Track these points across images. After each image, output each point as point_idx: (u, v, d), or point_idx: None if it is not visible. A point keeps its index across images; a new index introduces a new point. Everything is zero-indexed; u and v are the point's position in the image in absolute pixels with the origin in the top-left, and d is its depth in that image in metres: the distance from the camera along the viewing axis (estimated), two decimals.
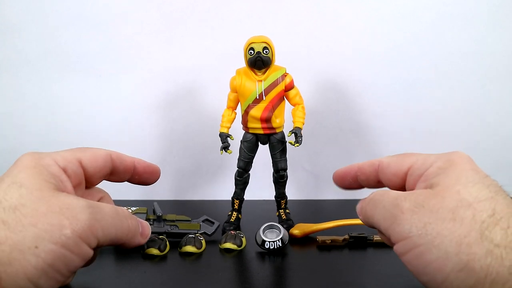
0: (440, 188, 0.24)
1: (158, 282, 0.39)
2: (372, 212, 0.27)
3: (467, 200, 0.22)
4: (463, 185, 0.23)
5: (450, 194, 0.23)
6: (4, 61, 0.67)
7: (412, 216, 0.23)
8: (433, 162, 0.25)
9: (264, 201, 0.63)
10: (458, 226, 0.22)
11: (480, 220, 0.22)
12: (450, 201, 0.23)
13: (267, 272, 0.42)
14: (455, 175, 0.24)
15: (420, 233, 0.22)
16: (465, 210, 0.22)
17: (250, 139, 0.52)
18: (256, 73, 0.50)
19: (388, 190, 0.27)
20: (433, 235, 0.22)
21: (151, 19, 0.66)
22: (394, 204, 0.25)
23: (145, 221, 0.33)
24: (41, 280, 0.23)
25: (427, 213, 0.23)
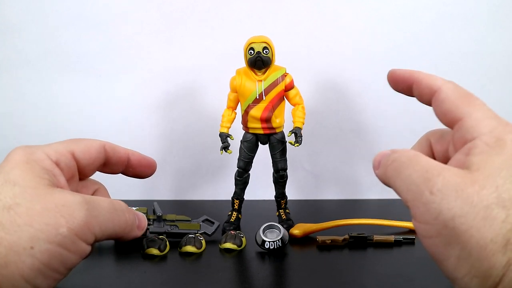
0: (479, 175, 0.21)
1: (158, 282, 0.39)
2: (394, 176, 0.24)
3: (503, 199, 0.20)
4: (504, 178, 0.20)
5: (489, 187, 0.20)
6: (4, 61, 0.67)
7: (442, 200, 0.20)
8: (483, 132, 0.22)
9: (264, 201, 0.63)
10: (488, 227, 0.19)
11: (510, 225, 0.19)
12: (487, 196, 0.20)
13: (267, 272, 0.42)
14: (499, 163, 0.21)
15: (447, 224, 0.20)
16: (499, 210, 0.19)
17: (250, 139, 0.52)
18: (256, 73, 0.50)
19: (419, 155, 0.23)
20: (461, 230, 0.20)
21: (151, 19, 0.66)
22: (424, 177, 0.21)
23: (141, 213, 0.32)
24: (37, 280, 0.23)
25: (459, 203, 0.20)
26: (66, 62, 0.67)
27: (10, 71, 0.67)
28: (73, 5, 0.65)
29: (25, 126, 0.68)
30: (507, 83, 0.67)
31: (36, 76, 0.67)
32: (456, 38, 0.66)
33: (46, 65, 0.67)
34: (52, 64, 0.67)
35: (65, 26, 0.66)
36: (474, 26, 0.66)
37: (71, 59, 0.67)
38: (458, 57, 0.66)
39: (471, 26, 0.66)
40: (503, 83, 0.67)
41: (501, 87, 0.67)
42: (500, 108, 0.74)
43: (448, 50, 0.66)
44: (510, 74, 0.67)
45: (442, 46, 0.66)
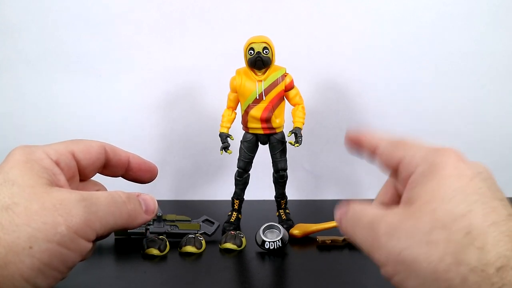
0: (416, 207, 0.22)
1: (158, 282, 0.39)
2: (352, 232, 0.26)
3: (442, 220, 0.21)
4: (440, 201, 0.21)
5: (425, 214, 0.22)
6: (4, 61, 0.67)
7: (388, 242, 0.22)
8: (417, 164, 0.24)
9: (264, 201, 0.63)
10: (433, 250, 0.20)
11: (454, 242, 0.20)
12: (425, 223, 0.21)
13: (267, 272, 0.42)
14: (433, 187, 0.22)
15: (397, 259, 0.22)
16: (440, 232, 0.21)
17: (250, 139, 0.52)
18: (256, 73, 0.50)
19: (365, 208, 0.25)
20: (409, 262, 0.21)
21: (151, 19, 0.66)
22: (370, 227, 0.24)
23: (148, 196, 0.31)
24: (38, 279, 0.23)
25: (402, 238, 0.22)
26: (66, 62, 0.67)
27: (10, 71, 0.67)
28: (73, 5, 0.65)
29: (25, 126, 0.68)
30: (507, 83, 0.67)
31: (36, 76, 0.67)
32: (456, 38, 0.66)
33: (46, 65, 0.67)
34: (52, 64, 0.67)
35: (65, 26, 0.66)
36: (474, 26, 0.66)
37: (71, 59, 0.67)
38: (458, 57, 0.66)
39: (471, 26, 0.66)
40: (503, 83, 0.67)
41: (501, 87, 0.67)
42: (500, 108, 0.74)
43: (448, 50, 0.66)
44: (510, 74, 0.67)
45: (442, 46, 0.66)
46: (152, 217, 0.31)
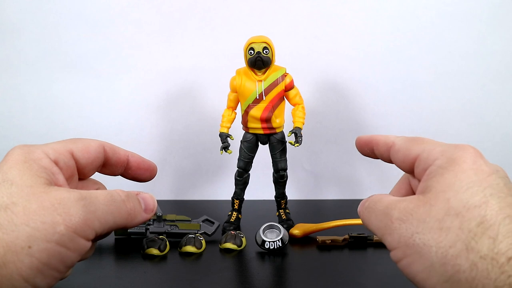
0: (431, 195, 0.23)
1: (158, 282, 0.39)
2: (368, 220, 0.27)
3: (456, 209, 0.22)
4: (455, 191, 0.22)
5: (440, 202, 0.22)
6: (4, 61, 0.67)
7: (400, 225, 0.23)
8: (436, 158, 0.25)
9: (264, 201, 0.63)
10: (444, 236, 0.21)
11: (467, 230, 0.21)
12: (438, 210, 0.22)
13: (267, 272, 0.42)
14: (450, 178, 0.23)
15: (407, 243, 0.22)
16: (453, 220, 0.21)
17: (250, 139, 0.52)
18: (256, 73, 0.50)
19: (382, 197, 0.26)
20: (420, 245, 0.22)
21: (151, 19, 0.66)
22: (385, 213, 0.25)
23: (147, 194, 0.31)
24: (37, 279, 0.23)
25: (415, 223, 0.22)
26: (66, 62, 0.67)
27: (10, 71, 0.67)
28: (73, 5, 0.65)
29: (25, 126, 0.68)
30: (507, 83, 0.67)
31: (36, 76, 0.67)
32: (456, 38, 0.66)
33: (46, 65, 0.67)
34: (52, 64, 0.67)
35: (65, 26, 0.66)
36: (474, 26, 0.66)
37: (71, 59, 0.67)
38: (458, 57, 0.66)
39: (471, 26, 0.66)
40: (503, 83, 0.67)
41: (501, 87, 0.67)
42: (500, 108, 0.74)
43: (448, 50, 0.66)
44: (510, 74, 0.67)
45: (442, 46, 0.66)
46: (152, 216, 0.31)
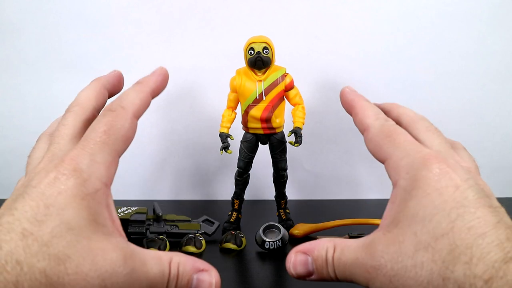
0: (398, 230, 0.22)
1: None
2: (343, 276, 0.25)
3: (424, 242, 0.21)
4: (421, 222, 0.21)
5: (408, 237, 0.22)
6: (4, 61, 0.67)
7: (377, 273, 0.22)
8: (401, 176, 0.23)
9: (264, 201, 0.63)
10: (420, 272, 0.21)
11: (440, 261, 0.20)
12: (409, 246, 0.21)
13: (267, 272, 0.42)
14: (414, 207, 0.22)
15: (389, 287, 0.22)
16: (424, 254, 0.21)
17: (250, 139, 0.52)
18: (256, 73, 0.50)
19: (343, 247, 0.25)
20: (401, 287, 0.21)
21: (151, 19, 0.66)
22: (357, 265, 0.24)
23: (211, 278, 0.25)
24: None
25: (389, 266, 0.22)
26: (66, 62, 0.67)
27: (10, 71, 0.67)
28: (73, 5, 0.65)
29: (25, 126, 0.68)
30: (507, 83, 0.67)
31: (36, 76, 0.67)
32: (456, 38, 0.66)
33: (46, 65, 0.67)
34: (52, 64, 0.67)
35: (65, 26, 0.66)
36: (474, 26, 0.66)
37: (71, 59, 0.67)
38: (458, 57, 0.66)
39: (471, 26, 0.66)
40: (503, 83, 0.67)
41: (501, 87, 0.67)
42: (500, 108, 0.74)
43: (448, 50, 0.66)
44: (510, 74, 0.67)
45: (442, 46, 0.66)
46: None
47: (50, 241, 0.20)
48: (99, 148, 0.24)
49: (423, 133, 0.27)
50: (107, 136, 0.25)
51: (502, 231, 0.20)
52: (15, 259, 0.19)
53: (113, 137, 0.25)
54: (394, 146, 0.25)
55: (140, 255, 0.23)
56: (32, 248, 0.20)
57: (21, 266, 0.19)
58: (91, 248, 0.21)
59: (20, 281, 0.19)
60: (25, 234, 0.20)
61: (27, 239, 0.20)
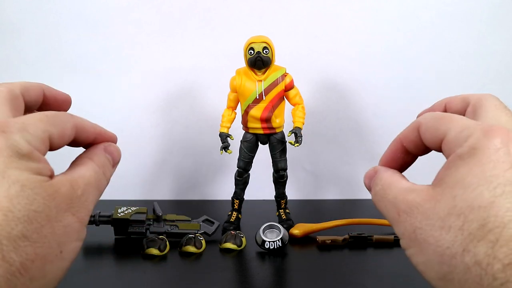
0: (440, 190, 0.22)
1: (158, 282, 0.39)
2: (378, 206, 0.27)
3: (459, 208, 0.21)
4: (464, 188, 0.21)
5: (445, 198, 0.22)
6: (4, 61, 0.67)
7: (406, 219, 0.23)
8: (459, 144, 0.23)
9: (264, 201, 0.63)
10: (444, 235, 0.21)
11: (467, 232, 0.20)
12: (443, 208, 0.21)
13: (267, 272, 0.42)
14: (463, 173, 0.22)
15: (410, 237, 0.23)
16: (455, 220, 0.21)
17: (250, 139, 0.52)
18: (256, 73, 0.50)
19: (392, 182, 0.26)
20: (420, 241, 0.22)
21: (151, 19, 0.66)
22: (393, 204, 0.25)
23: (113, 146, 0.29)
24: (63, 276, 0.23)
25: (419, 218, 0.22)
26: (65, 62, 0.67)
27: (10, 71, 0.67)
28: (73, 5, 0.65)
29: None
30: (507, 83, 0.67)
31: (36, 76, 0.67)
32: (456, 38, 0.66)
33: (46, 65, 0.67)
34: (52, 64, 0.67)
35: (65, 26, 0.66)
36: (474, 26, 0.66)
37: (71, 59, 0.67)
38: (458, 57, 0.66)
39: (471, 26, 0.66)
40: (503, 83, 0.67)
41: (501, 87, 0.67)
42: None
43: (448, 50, 0.66)
44: (510, 74, 0.67)
45: (442, 46, 0.66)
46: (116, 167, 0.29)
47: (11, 204, 0.20)
48: (31, 120, 0.23)
49: (491, 111, 0.26)
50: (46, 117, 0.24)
51: None
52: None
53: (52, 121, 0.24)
54: (451, 122, 0.24)
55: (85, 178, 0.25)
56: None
57: (0, 241, 0.19)
58: (48, 194, 0.22)
59: (6, 255, 0.20)
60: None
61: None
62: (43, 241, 0.21)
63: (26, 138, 0.22)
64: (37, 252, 0.21)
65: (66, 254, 0.23)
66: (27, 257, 0.20)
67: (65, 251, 0.23)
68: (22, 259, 0.20)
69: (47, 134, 0.24)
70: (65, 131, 0.25)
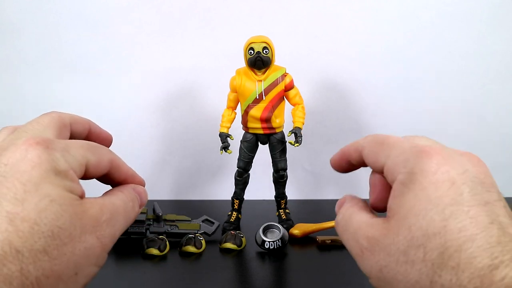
0: (394, 222, 0.22)
1: (158, 282, 0.39)
2: (342, 237, 0.26)
3: (417, 239, 0.20)
4: (416, 216, 0.21)
5: (402, 231, 0.21)
6: (4, 61, 0.67)
7: (370, 257, 0.22)
8: (398, 171, 0.23)
9: (264, 201, 0.63)
10: (410, 269, 0.20)
11: (430, 262, 0.20)
12: (402, 241, 0.21)
13: (267, 272, 0.42)
14: (410, 200, 0.21)
15: (378, 276, 0.22)
16: (416, 252, 0.20)
17: (250, 139, 0.52)
18: (256, 73, 0.50)
19: (353, 213, 0.25)
20: (389, 279, 0.21)
21: (151, 19, 0.66)
22: (355, 239, 0.24)
23: (142, 188, 0.30)
24: None
25: (382, 256, 0.22)
26: (65, 62, 0.67)
27: (10, 71, 0.67)
28: (73, 5, 0.65)
29: None
30: (507, 83, 0.67)
31: (36, 76, 0.67)
32: (456, 38, 0.66)
33: (46, 65, 0.67)
34: (52, 64, 0.67)
35: (65, 26, 0.66)
36: (474, 26, 0.66)
37: (71, 59, 0.67)
38: (458, 57, 0.66)
39: (471, 26, 0.66)
40: (503, 83, 0.67)
41: (501, 87, 0.67)
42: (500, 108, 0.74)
43: (448, 50, 0.66)
44: (510, 74, 0.67)
45: (442, 46, 0.66)
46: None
47: (38, 217, 0.20)
48: (74, 145, 0.24)
49: (414, 138, 0.27)
50: (87, 144, 0.25)
51: (494, 233, 0.19)
52: (14, 248, 0.19)
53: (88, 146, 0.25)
54: (389, 148, 0.24)
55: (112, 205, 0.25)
56: (24, 230, 0.20)
57: (22, 253, 0.20)
58: (76, 213, 0.22)
59: (25, 267, 0.20)
60: (11, 217, 0.20)
61: (15, 221, 0.20)
62: (61, 259, 0.21)
63: (65, 157, 0.23)
64: (54, 269, 0.21)
65: (80, 278, 0.22)
66: (43, 273, 0.20)
67: (80, 274, 0.22)
68: (38, 274, 0.20)
69: (85, 160, 0.25)
70: (101, 162, 0.26)
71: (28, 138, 0.23)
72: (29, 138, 0.22)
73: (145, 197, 0.30)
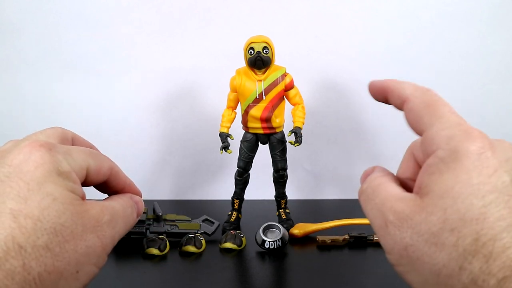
0: (428, 200, 0.21)
1: (158, 282, 0.39)
2: (364, 208, 0.25)
3: (452, 222, 0.20)
4: (454, 198, 0.20)
5: (437, 211, 0.20)
6: (4, 61, 0.67)
7: (395, 232, 0.21)
8: (439, 146, 0.22)
9: (264, 201, 0.63)
10: (439, 252, 0.20)
11: (462, 248, 0.19)
12: (435, 222, 0.20)
13: (267, 272, 0.42)
14: (450, 180, 0.20)
15: (401, 254, 0.21)
16: (448, 235, 0.19)
17: (250, 139, 0.52)
18: (256, 73, 0.50)
19: (381, 184, 0.24)
20: (414, 259, 0.20)
21: (151, 19, 0.66)
22: (380, 210, 0.23)
23: (138, 198, 0.31)
24: None
25: (409, 233, 0.21)
26: (65, 62, 0.67)
27: (10, 71, 0.67)
28: (73, 5, 0.65)
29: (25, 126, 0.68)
30: (507, 83, 0.67)
31: (36, 76, 0.67)
32: (456, 38, 0.66)
33: (46, 65, 0.67)
34: (52, 64, 0.67)
35: (65, 26, 0.66)
36: (474, 26, 0.66)
37: (71, 59, 0.67)
38: (458, 57, 0.66)
39: (471, 26, 0.66)
40: (503, 83, 0.67)
41: (501, 87, 0.67)
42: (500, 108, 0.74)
43: (448, 50, 0.66)
44: (510, 74, 0.67)
45: (442, 46, 0.66)
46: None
47: (41, 214, 0.21)
48: (75, 149, 0.25)
49: (459, 116, 0.25)
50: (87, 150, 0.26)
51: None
52: (17, 243, 0.20)
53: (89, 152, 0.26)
54: (436, 116, 0.23)
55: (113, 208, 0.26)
56: (27, 226, 0.20)
57: (25, 249, 0.20)
58: (78, 212, 0.23)
59: (27, 263, 0.20)
60: (15, 213, 0.21)
61: (19, 218, 0.20)
62: (63, 256, 0.21)
63: (68, 160, 0.24)
64: (56, 265, 0.21)
65: (81, 276, 0.23)
66: (45, 268, 0.21)
67: (81, 272, 0.23)
68: (40, 270, 0.20)
69: (86, 164, 0.26)
70: (101, 168, 0.27)
71: (31, 141, 0.23)
72: (33, 141, 0.23)
73: (142, 207, 0.31)
